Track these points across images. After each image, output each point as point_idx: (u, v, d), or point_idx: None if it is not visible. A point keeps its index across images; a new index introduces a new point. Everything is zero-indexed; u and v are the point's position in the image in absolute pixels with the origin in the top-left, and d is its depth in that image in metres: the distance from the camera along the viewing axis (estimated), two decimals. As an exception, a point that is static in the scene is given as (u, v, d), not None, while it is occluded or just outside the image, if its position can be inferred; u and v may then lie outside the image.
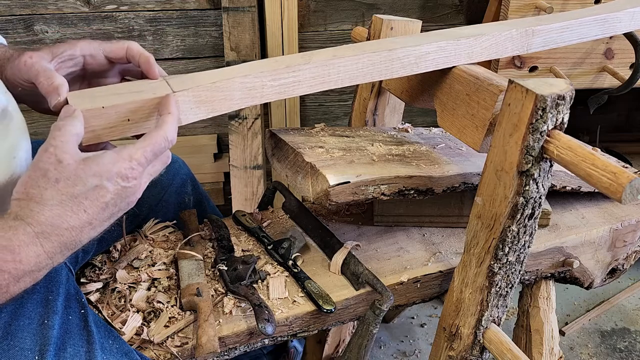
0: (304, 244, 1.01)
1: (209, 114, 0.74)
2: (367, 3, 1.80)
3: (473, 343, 0.88)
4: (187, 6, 1.70)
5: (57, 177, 0.59)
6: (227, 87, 0.74)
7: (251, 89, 0.76)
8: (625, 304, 1.84)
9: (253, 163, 1.75)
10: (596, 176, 0.63)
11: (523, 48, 0.94)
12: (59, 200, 0.59)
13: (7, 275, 0.57)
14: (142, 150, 0.63)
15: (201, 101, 0.73)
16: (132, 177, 0.63)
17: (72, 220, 0.59)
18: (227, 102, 0.75)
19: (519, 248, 0.80)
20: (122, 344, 0.76)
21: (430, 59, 0.86)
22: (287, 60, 0.79)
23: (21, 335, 0.67)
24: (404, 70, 0.85)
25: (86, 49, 0.75)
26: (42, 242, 0.58)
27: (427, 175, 0.90)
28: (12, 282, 0.57)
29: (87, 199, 0.60)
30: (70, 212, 0.59)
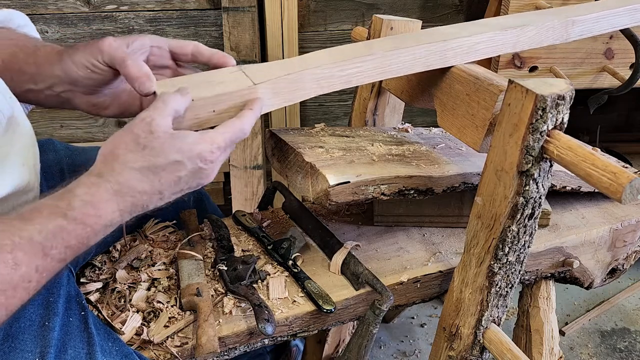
0: (304, 244, 1.01)
1: (283, 103, 0.79)
2: (367, 3, 1.80)
3: (473, 343, 0.88)
4: (187, 6, 1.70)
5: (144, 145, 0.63)
6: (300, 78, 0.78)
7: (320, 79, 0.79)
8: (625, 304, 1.84)
9: (253, 163, 1.75)
10: (596, 176, 0.62)
11: (562, 37, 0.96)
12: (140, 166, 0.62)
13: (89, 229, 0.59)
14: (222, 136, 0.67)
15: (277, 92, 0.77)
16: (209, 160, 0.66)
17: (147, 186, 0.63)
18: (299, 92, 0.79)
19: (519, 248, 0.80)
20: (121, 346, 0.76)
21: (480, 49, 0.89)
22: (351, 51, 0.82)
23: (22, 337, 0.67)
24: (455, 59, 0.88)
25: (155, 40, 0.78)
26: (118, 201, 0.61)
27: (427, 175, 0.90)
28: (92, 236, 0.60)
29: (164, 170, 0.64)
30: (147, 179, 0.63)
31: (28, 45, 0.77)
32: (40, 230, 0.56)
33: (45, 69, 0.74)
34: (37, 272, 0.56)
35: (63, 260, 0.58)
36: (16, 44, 0.76)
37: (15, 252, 0.54)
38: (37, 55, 0.75)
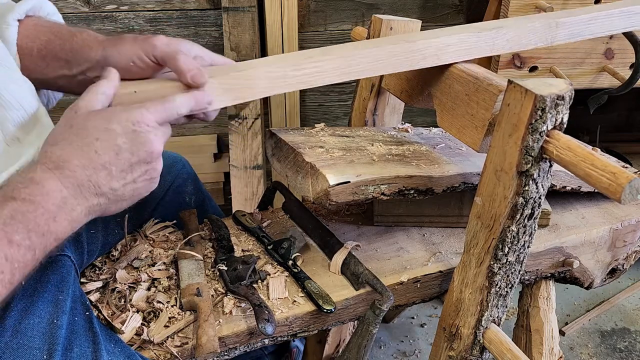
0: (304, 244, 1.01)
1: (234, 101, 0.78)
2: (367, 3, 1.80)
3: (473, 343, 0.88)
4: (187, 6, 1.70)
5: (71, 124, 0.63)
6: (251, 75, 0.77)
7: (275, 79, 0.79)
8: (625, 304, 1.84)
9: (253, 163, 1.75)
10: (595, 176, 0.63)
11: (547, 40, 0.95)
12: (70, 141, 0.62)
13: (41, 209, 0.58)
14: (152, 104, 0.66)
15: (227, 89, 0.76)
16: (142, 121, 0.64)
17: (84, 159, 0.61)
18: (251, 90, 0.78)
19: (519, 248, 0.80)
20: (124, 347, 0.77)
21: (451, 51, 0.88)
22: (309, 53, 0.83)
23: (31, 334, 0.67)
24: (424, 61, 0.87)
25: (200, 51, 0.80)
26: (59, 176, 0.60)
27: (427, 175, 0.90)
28: (49, 218, 0.58)
29: (97, 139, 0.62)
30: (80, 151, 0.61)
31: (63, 32, 0.78)
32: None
33: (82, 54, 0.76)
34: (8, 262, 0.54)
35: (31, 248, 0.56)
36: (51, 31, 0.78)
37: None
38: (74, 40, 0.77)
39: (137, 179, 0.66)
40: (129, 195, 0.66)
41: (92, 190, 0.62)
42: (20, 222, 0.56)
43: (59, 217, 0.59)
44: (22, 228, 0.56)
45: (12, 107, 0.66)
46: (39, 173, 0.60)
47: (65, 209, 0.60)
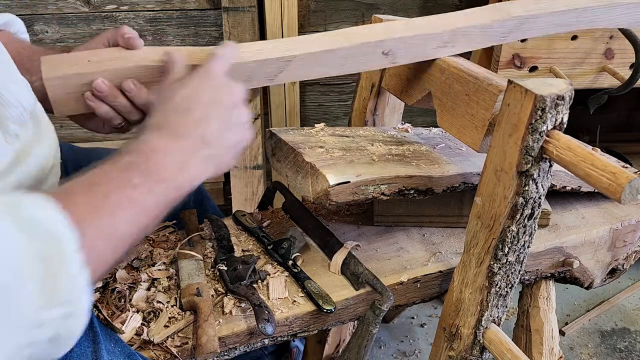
0: (304, 244, 1.01)
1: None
2: (367, 3, 1.80)
3: (473, 343, 0.88)
4: (187, 6, 1.70)
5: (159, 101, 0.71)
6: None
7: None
8: (625, 304, 1.84)
9: (253, 163, 1.75)
10: (595, 176, 0.63)
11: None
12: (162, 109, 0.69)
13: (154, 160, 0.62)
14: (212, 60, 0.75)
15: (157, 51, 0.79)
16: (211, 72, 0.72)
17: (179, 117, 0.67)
18: None
19: (519, 248, 0.80)
20: (124, 347, 0.77)
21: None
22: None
23: None
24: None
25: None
26: (162, 133, 0.65)
27: (427, 175, 0.90)
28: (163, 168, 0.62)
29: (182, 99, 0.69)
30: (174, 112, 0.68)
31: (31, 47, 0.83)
32: (114, 167, 0.59)
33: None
34: (132, 203, 0.58)
35: (151, 192, 0.60)
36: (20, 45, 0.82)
37: (103, 186, 0.57)
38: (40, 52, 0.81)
39: (233, 125, 0.70)
40: (233, 141, 0.70)
41: (198, 140, 0.66)
42: (137, 170, 0.60)
43: (172, 166, 0.63)
44: (138, 174, 0.59)
45: (11, 105, 0.67)
46: (143, 135, 0.65)
47: (176, 159, 0.64)
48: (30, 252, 0.46)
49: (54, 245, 0.48)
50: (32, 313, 0.46)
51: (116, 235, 0.56)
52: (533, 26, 0.94)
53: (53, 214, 0.49)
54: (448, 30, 0.89)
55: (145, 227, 0.60)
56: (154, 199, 0.60)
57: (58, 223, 0.49)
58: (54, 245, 0.48)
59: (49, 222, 0.49)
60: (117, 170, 0.59)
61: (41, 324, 0.47)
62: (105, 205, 0.55)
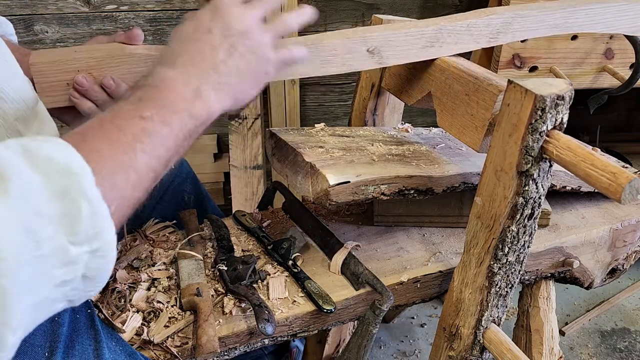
0: (304, 244, 1.01)
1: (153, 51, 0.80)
2: (367, 3, 1.80)
3: (473, 343, 0.88)
4: (187, 6, 1.70)
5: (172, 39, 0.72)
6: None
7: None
8: (625, 304, 1.84)
9: (253, 163, 1.75)
10: (595, 176, 0.63)
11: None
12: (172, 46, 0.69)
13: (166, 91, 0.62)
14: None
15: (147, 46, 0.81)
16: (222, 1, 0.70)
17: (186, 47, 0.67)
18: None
19: (519, 248, 0.80)
20: (125, 346, 0.77)
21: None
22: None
23: (32, 332, 0.67)
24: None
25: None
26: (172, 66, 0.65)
27: (427, 175, 0.90)
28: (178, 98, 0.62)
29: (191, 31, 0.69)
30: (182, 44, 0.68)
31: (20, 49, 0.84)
32: (126, 102, 0.59)
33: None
34: (145, 134, 0.57)
35: (165, 123, 0.59)
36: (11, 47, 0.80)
37: (115, 120, 0.57)
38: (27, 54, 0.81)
39: (244, 53, 0.69)
40: (245, 70, 0.69)
41: (208, 67, 0.66)
42: (149, 101, 0.60)
43: (186, 94, 0.63)
44: (151, 105, 0.59)
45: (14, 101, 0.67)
46: (156, 69, 0.65)
47: (189, 87, 0.63)
48: (47, 190, 0.46)
49: (69, 181, 0.48)
50: (60, 252, 0.47)
51: (136, 169, 0.55)
52: (521, 27, 0.94)
53: (66, 152, 0.50)
54: (431, 28, 0.89)
55: (166, 161, 0.60)
56: (170, 130, 0.60)
57: (72, 160, 0.49)
58: (69, 181, 0.48)
59: (63, 159, 0.49)
60: (130, 104, 0.59)
61: (70, 261, 0.48)
62: (120, 139, 0.55)
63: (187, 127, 0.62)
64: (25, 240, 0.44)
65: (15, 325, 0.45)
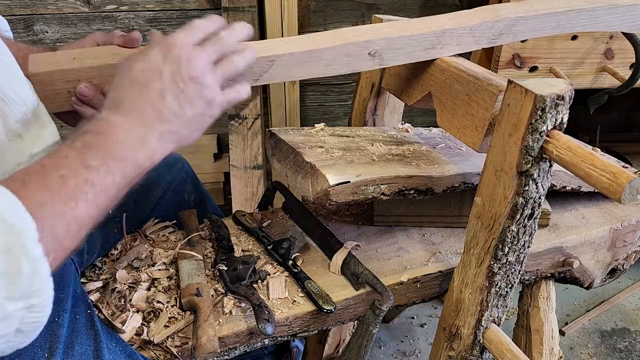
0: (304, 244, 1.01)
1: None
2: (367, 3, 1.80)
3: (473, 343, 0.88)
4: (187, 6, 1.70)
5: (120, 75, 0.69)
6: None
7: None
8: (625, 304, 1.84)
9: (253, 163, 1.75)
10: (595, 176, 0.63)
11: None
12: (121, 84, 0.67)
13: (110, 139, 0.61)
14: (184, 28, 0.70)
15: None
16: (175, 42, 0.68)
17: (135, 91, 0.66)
18: None
19: (519, 248, 0.80)
20: (125, 346, 0.77)
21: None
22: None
23: None
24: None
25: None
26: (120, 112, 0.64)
27: (427, 175, 0.90)
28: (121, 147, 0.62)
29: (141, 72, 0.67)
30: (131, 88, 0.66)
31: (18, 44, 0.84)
32: (71, 149, 0.58)
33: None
34: (88, 184, 0.57)
35: (109, 172, 0.59)
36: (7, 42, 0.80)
37: (60, 170, 0.56)
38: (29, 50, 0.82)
39: (192, 100, 0.67)
40: (190, 116, 0.67)
41: (154, 116, 0.65)
42: (94, 150, 0.59)
43: (130, 143, 0.62)
44: (96, 154, 0.59)
45: (14, 103, 0.67)
46: (103, 113, 0.64)
47: (134, 135, 0.63)
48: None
49: (13, 238, 0.47)
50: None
51: (76, 219, 0.55)
52: (523, 28, 0.94)
53: (11, 206, 0.49)
54: (435, 32, 0.89)
55: (105, 208, 0.59)
56: (113, 180, 0.59)
57: (16, 215, 0.49)
58: (13, 238, 0.47)
59: (7, 214, 0.48)
60: (75, 151, 0.58)
61: (6, 317, 0.47)
62: (63, 190, 0.54)
63: (130, 175, 0.62)
64: None
65: None
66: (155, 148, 0.65)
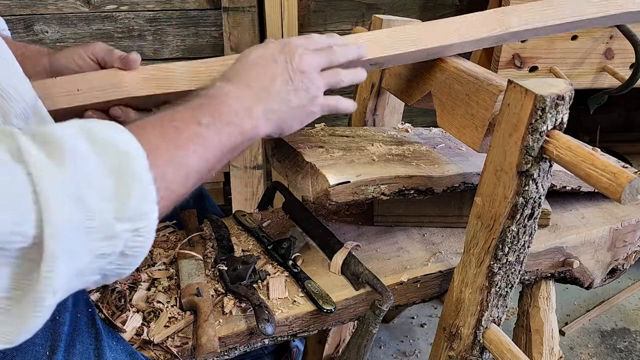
0: (304, 244, 1.01)
1: (155, 90, 0.81)
2: (367, 3, 1.80)
3: (473, 343, 0.88)
4: (187, 6, 1.70)
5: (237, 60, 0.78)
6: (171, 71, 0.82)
7: (192, 79, 0.83)
8: (625, 304, 1.84)
9: (253, 163, 1.75)
10: (595, 176, 0.63)
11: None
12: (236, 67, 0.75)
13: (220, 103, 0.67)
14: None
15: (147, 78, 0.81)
16: (290, 41, 0.76)
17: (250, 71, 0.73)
18: (168, 82, 0.82)
19: (519, 248, 0.80)
20: (125, 345, 0.77)
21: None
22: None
23: None
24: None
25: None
26: (234, 83, 0.71)
27: (427, 175, 0.90)
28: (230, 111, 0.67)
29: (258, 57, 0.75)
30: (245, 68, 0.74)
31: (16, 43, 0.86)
32: (185, 107, 0.64)
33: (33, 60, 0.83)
34: (200, 138, 0.62)
35: (217, 132, 0.64)
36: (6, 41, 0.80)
37: (175, 122, 0.61)
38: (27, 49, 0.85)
39: (298, 88, 0.74)
40: (295, 104, 0.74)
41: (263, 93, 0.72)
42: (207, 109, 0.65)
43: (239, 111, 0.68)
44: (208, 114, 0.64)
45: (14, 99, 0.68)
46: (217, 83, 0.71)
47: (243, 105, 0.69)
48: (104, 167, 0.49)
49: (126, 162, 0.51)
50: (106, 225, 0.49)
51: (185, 167, 0.59)
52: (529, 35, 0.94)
53: (124, 135, 0.53)
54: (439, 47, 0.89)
55: (211, 167, 0.64)
56: (220, 140, 0.64)
57: (128, 142, 0.52)
58: (126, 162, 0.51)
59: (122, 142, 0.52)
60: (189, 109, 0.64)
61: (114, 236, 0.50)
62: (176, 138, 0.59)
63: (234, 141, 0.66)
64: (75, 208, 0.46)
65: (56, 288, 0.47)
66: (260, 121, 0.70)
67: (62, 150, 0.47)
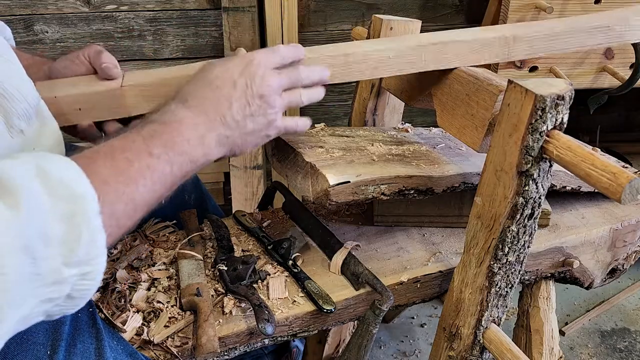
0: (304, 244, 1.01)
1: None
2: (367, 3, 1.80)
3: (473, 343, 0.88)
4: (187, 6, 1.70)
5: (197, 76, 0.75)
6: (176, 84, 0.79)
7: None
8: (625, 304, 1.84)
9: (253, 163, 1.75)
10: (595, 176, 0.63)
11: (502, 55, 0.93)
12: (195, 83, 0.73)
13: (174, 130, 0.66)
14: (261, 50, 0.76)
15: (147, 97, 0.80)
16: (254, 60, 0.74)
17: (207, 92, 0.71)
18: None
19: (519, 248, 0.80)
20: (126, 345, 0.77)
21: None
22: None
23: (34, 330, 0.67)
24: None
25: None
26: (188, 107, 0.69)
27: (427, 175, 0.90)
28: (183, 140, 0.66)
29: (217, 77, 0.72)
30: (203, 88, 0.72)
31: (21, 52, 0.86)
32: (138, 135, 0.63)
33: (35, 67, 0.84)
34: (149, 170, 0.61)
35: (168, 162, 0.63)
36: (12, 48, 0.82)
37: (126, 152, 0.60)
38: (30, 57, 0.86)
39: (255, 114, 0.73)
40: (250, 129, 0.73)
41: (218, 119, 0.70)
42: (159, 139, 0.64)
43: (192, 139, 0.67)
44: (160, 145, 0.63)
45: (16, 100, 0.68)
46: (172, 106, 0.69)
47: (196, 133, 0.67)
48: (56, 213, 0.49)
49: (77, 207, 0.51)
50: (53, 271, 0.49)
51: (134, 201, 0.59)
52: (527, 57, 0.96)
53: (77, 177, 0.52)
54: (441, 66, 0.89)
55: (159, 196, 0.64)
56: (171, 170, 0.64)
57: (82, 185, 0.52)
58: (77, 207, 0.51)
59: (75, 184, 0.52)
60: (140, 138, 0.63)
61: (61, 281, 0.50)
62: (127, 171, 0.59)
63: (185, 169, 0.66)
64: (24, 257, 0.47)
65: (0, 336, 0.47)
66: (212, 148, 0.70)
67: (17, 194, 0.47)
